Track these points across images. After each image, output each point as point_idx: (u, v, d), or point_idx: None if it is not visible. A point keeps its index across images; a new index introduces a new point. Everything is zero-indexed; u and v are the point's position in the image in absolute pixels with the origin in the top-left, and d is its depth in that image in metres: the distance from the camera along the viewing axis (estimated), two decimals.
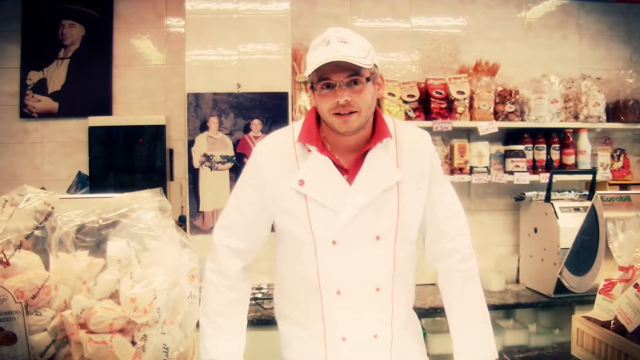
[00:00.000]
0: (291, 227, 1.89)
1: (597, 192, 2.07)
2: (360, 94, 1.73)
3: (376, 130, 1.85)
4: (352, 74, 1.70)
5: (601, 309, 1.58)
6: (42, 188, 3.74)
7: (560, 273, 2.23)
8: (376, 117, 1.87)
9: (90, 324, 1.16)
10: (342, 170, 1.84)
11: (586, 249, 2.01)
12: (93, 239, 1.32)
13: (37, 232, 1.34)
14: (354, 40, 1.72)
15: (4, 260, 1.23)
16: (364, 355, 1.90)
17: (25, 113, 3.87)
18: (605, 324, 1.55)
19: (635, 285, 1.44)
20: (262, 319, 3.23)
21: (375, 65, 1.77)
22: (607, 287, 1.58)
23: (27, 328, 1.17)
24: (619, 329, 1.48)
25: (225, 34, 3.55)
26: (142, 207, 1.34)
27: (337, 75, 1.70)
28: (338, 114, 1.73)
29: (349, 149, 1.86)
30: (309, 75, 1.77)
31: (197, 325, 1.57)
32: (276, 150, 1.91)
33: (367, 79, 1.74)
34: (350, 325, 1.88)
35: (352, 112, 1.73)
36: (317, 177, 1.83)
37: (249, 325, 3.16)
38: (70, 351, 1.19)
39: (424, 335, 2.43)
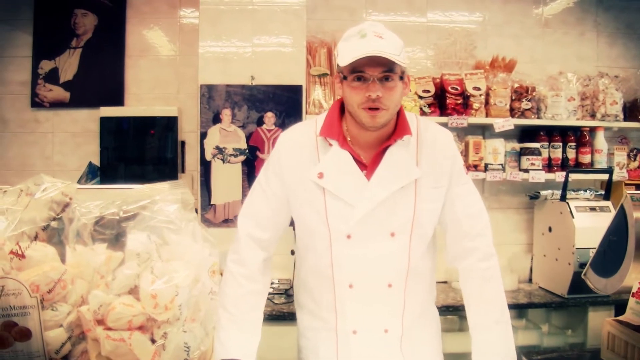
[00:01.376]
0: (308, 218, 1.90)
1: (627, 191, 2.04)
2: (391, 91, 1.73)
3: (398, 127, 1.85)
4: (387, 69, 1.69)
5: (634, 312, 1.54)
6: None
7: (584, 274, 2.19)
8: (399, 114, 1.86)
9: (109, 321, 1.11)
10: (362, 165, 1.84)
11: (614, 250, 1.97)
12: (112, 232, 1.28)
13: (53, 224, 1.29)
14: (389, 36, 1.73)
15: (19, 252, 1.18)
16: (374, 349, 1.91)
17: (37, 102, 3.85)
18: (638, 328, 1.51)
19: None
20: (272, 314, 3.21)
21: (405, 65, 1.76)
22: None
23: (42, 324, 1.12)
24: None
25: (239, 25, 3.51)
26: (164, 199, 1.30)
27: (371, 70, 1.69)
28: (367, 108, 1.72)
29: (370, 144, 1.86)
30: (339, 65, 1.76)
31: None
32: (298, 141, 1.92)
33: (400, 77, 1.74)
34: (360, 318, 1.90)
35: (380, 109, 1.72)
36: (336, 170, 1.83)
37: None
38: (87, 348, 1.15)
39: None
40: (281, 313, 3.19)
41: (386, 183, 1.80)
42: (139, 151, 3.73)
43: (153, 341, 1.12)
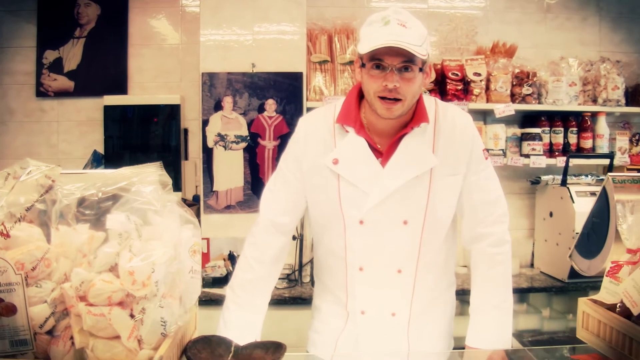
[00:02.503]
0: (322, 204, 1.92)
1: (609, 173, 2.04)
2: (410, 82, 1.70)
3: (416, 114, 1.82)
4: (406, 60, 1.66)
5: (607, 291, 1.55)
6: (58, 166, 3.78)
7: (570, 256, 2.20)
8: (418, 101, 1.83)
9: (90, 297, 1.16)
10: (377, 152, 1.84)
11: (597, 232, 1.98)
12: (94, 213, 1.32)
13: (40, 206, 1.33)
14: (413, 25, 1.69)
15: (4, 232, 1.23)
16: (380, 331, 1.94)
17: (42, 92, 3.89)
18: (611, 307, 1.52)
19: None
20: (273, 299, 3.18)
21: (428, 54, 1.73)
22: (613, 269, 1.55)
23: (26, 300, 1.17)
24: (625, 312, 1.45)
25: (240, 13, 3.53)
26: (142, 181, 1.34)
27: (390, 59, 1.66)
28: (383, 98, 1.71)
29: (387, 131, 1.85)
30: (359, 52, 1.74)
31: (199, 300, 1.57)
32: (316, 127, 1.93)
33: (420, 69, 1.71)
34: (369, 300, 1.92)
35: (396, 100, 1.71)
36: (352, 157, 1.83)
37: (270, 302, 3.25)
38: (70, 323, 1.20)
39: None
40: (282, 298, 3.23)
41: (401, 172, 1.80)
42: (143, 139, 3.78)
43: (132, 316, 1.17)
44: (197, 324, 1.56)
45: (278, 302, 3.20)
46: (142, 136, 3.78)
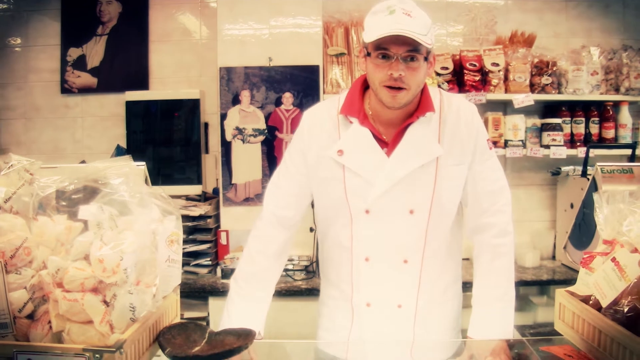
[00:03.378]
0: (328, 195, 1.93)
1: (597, 163, 2.02)
2: (415, 71, 1.70)
3: (421, 104, 1.83)
4: (411, 49, 1.66)
5: (582, 282, 1.53)
6: (83, 161, 3.89)
7: (564, 247, 2.18)
8: (422, 91, 1.84)
9: (65, 283, 1.23)
10: (382, 143, 1.85)
11: (587, 223, 1.95)
12: (74, 205, 1.38)
13: (25, 198, 1.40)
14: (418, 14, 1.69)
15: None
16: (386, 323, 1.94)
17: (66, 89, 4.00)
18: (586, 299, 1.50)
19: (613, 259, 1.40)
20: (291, 290, 3.28)
21: (432, 44, 1.74)
22: (586, 260, 1.53)
23: (6, 285, 1.24)
24: (597, 304, 1.43)
25: (256, 8, 3.57)
26: (114, 173, 1.39)
27: (396, 48, 1.67)
28: (388, 87, 1.72)
29: (392, 121, 1.85)
30: (364, 41, 1.75)
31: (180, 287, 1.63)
32: (320, 119, 1.95)
33: (425, 58, 1.71)
34: (375, 292, 1.93)
35: (401, 89, 1.71)
36: (356, 148, 1.84)
37: (278, 295, 3.27)
38: (48, 308, 1.27)
39: None
40: (299, 289, 3.26)
41: (406, 161, 1.80)
42: (164, 133, 3.83)
43: (106, 302, 1.23)
44: (179, 311, 1.62)
45: (295, 293, 3.24)
46: (164, 130, 3.83)
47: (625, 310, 1.34)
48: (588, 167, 3.41)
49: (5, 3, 4.05)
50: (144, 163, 1.73)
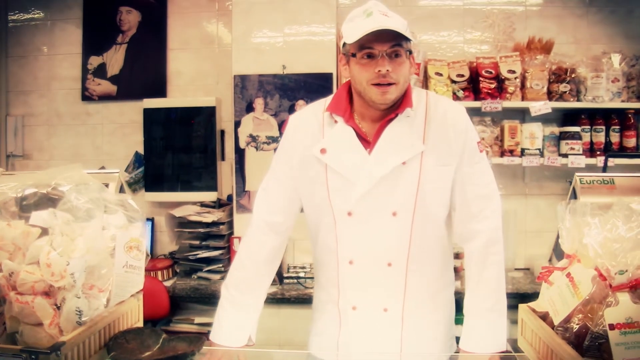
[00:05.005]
0: (312, 196, 1.93)
1: (577, 173, 1.97)
2: (400, 66, 1.74)
3: (402, 103, 1.83)
4: (395, 44, 1.71)
5: (543, 298, 1.49)
6: (102, 167, 3.96)
7: (550, 260, 2.12)
8: (405, 91, 1.85)
9: (17, 286, 1.27)
10: (366, 142, 1.84)
11: None
12: (29, 210, 1.42)
13: None
14: (394, 15, 1.76)
15: None
16: (373, 327, 1.92)
17: (87, 96, 4.10)
18: (544, 315, 1.46)
19: (568, 274, 1.35)
20: (301, 298, 3.28)
21: (411, 42, 1.78)
22: (544, 274, 1.48)
23: None
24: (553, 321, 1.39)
25: (271, 16, 3.59)
26: (66, 180, 1.43)
27: (380, 45, 1.71)
28: (377, 84, 1.73)
29: (376, 121, 1.85)
30: (344, 45, 1.79)
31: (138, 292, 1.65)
32: (305, 119, 1.96)
33: (408, 51, 1.75)
34: (360, 295, 1.92)
35: (390, 84, 1.73)
36: (339, 146, 1.85)
37: (288, 302, 3.29)
38: (5, 310, 1.31)
39: None
40: (309, 297, 3.23)
41: (387, 158, 1.79)
42: (180, 140, 3.89)
43: (57, 306, 1.26)
44: (141, 316, 1.64)
45: (305, 300, 3.23)
46: (180, 138, 3.89)
47: (575, 329, 1.30)
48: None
49: (31, 12, 4.16)
50: (118, 170, 1.77)
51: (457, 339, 1.93)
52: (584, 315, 1.33)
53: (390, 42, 1.70)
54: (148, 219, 3.98)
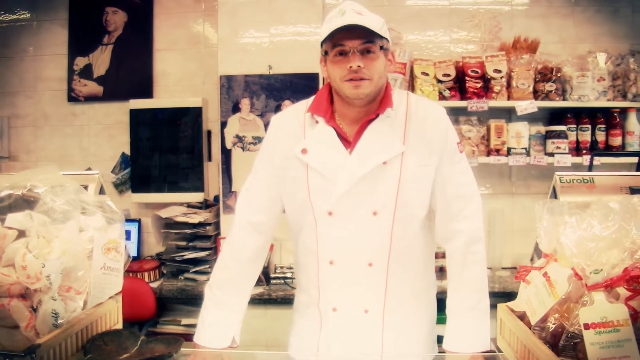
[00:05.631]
0: (293, 196, 1.92)
1: (556, 173, 1.97)
2: (373, 61, 1.75)
3: (382, 103, 1.84)
4: (366, 41, 1.73)
5: (521, 298, 1.48)
6: (89, 168, 3.94)
7: (531, 259, 2.12)
8: (386, 91, 1.86)
9: None
10: (347, 142, 1.84)
11: None
12: (6, 213, 1.41)
13: None
14: (369, 13, 1.77)
15: None
16: (353, 329, 1.91)
17: (73, 97, 4.08)
18: (522, 315, 1.45)
19: (545, 274, 1.35)
20: (286, 298, 3.28)
21: (387, 40, 1.79)
22: (521, 273, 1.48)
23: None
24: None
25: (257, 16, 3.59)
26: (42, 182, 1.41)
27: (351, 42, 1.72)
28: (350, 80, 1.74)
29: (357, 121, 1.85)
30: (322, 45, 1.79)
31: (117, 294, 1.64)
32: (287, 120, 1.96)
33: (381, 47, 1.76)
34: (340, 296, 1.91)
35: (363, 79, 1.74)
36: (320, 146, 1.85)
37: (275, 303, 3.28)
38: None
39: None
40: None
41: (367, 158, 1.80)
42: (167, 141, 3.88)
43: (34, 308, 1.25)
44: (120, 318, 1.64)
45: (292, 301, 3.18)
46: (167, 138, 3.88)
47: (552, 328, 1.30)
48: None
49: (17, 13, 4.15)
50: (98, 172, 1.76)
51: (441, 340, 1.92)
52: (560, 314, 1.33)
53: (361, 38, 1.72)
54: (135, 220, 3.97)
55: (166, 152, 3.89)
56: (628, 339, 1.21)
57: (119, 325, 1.62)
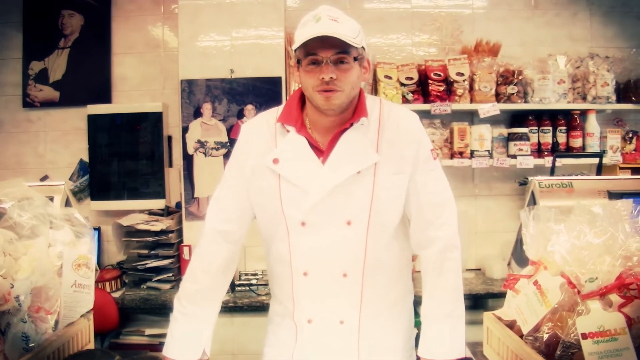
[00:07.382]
0: (265, 207, 1.88)
1: (535, 177, 1.98)
2: (346, 72, 1.70)
3: (356, 111, 1.80)
4: (340, 51, 1.67)
5: (509, 306, 1.47)
6: (46, 176, 3.82)
7: (509, 264, 2.13)
8: (359, 98, 1.83)
9: None
10: (319, 152, 1.81)
11: None
12: None
13: None
14: (345, 20, 1.71)
15: None
16: (329, 340, 1.89)
17: (28, 102, 3.94)
18: (511, 324, 1.45)
19: (535, 282, 1.34)
20: (253, 305, 3.24)
21: (363, 47, 1.74)
22: (510, 282, 1.48)
23: None
24: (521, 330, 1.38)
25: (218, 19, 3.52)
26: (8, 196, 1.34)
27: (324, 52, 1.66)
28: (322, 90, 1.70)
29: (329, 130, 1.82)
30: (295, 51, 1.74)
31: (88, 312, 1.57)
32: (257, 129, 1.91)
33: (355, 59, 1.71)
34: (315, 307, 1.88)
35: (334, 91, 1.69)
36: (292, 156, 1.80)
37: (241, 311, 3.23)
38: None
39: None
40: (263, 304, 3.20)
41: (340, 168, 1.76)
42: (126, 147, 3.78)
43: (2, 331, 1.16)
44: (91, 337, 1.56)
45: (258, 308, 3.21)
46: (126, 144, 3.78)
47: (545, 337, 1.28)
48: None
49: None
50: (63, 182, 1.68)
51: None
52: (553, 323, 1.32)
53: (334, 49, 1.66)
54: (94, 229, 3.85)
55: (126, 158, 3.79)
56: (626, 348, 1.20)
57: (91, 345, 1.56)
